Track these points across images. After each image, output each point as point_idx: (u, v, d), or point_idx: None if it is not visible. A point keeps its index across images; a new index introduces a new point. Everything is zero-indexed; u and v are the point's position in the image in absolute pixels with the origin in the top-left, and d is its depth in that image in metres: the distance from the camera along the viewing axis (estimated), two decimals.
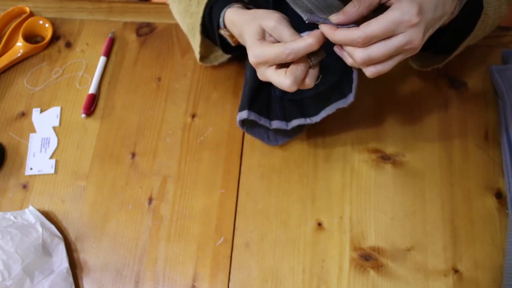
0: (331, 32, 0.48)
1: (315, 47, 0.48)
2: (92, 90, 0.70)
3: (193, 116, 0.68)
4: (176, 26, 0.75)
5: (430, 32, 0.47)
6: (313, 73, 0.51)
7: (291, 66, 0.49)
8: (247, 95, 0.60)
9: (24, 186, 0.65)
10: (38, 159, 0.67)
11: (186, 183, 0.64)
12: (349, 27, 0.47)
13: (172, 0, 0.65)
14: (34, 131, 0.69)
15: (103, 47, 0.74)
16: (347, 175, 0.63)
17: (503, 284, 0.56)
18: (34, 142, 0.68)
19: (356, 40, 0.46)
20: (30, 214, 0.61)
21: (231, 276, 0.59)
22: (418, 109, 0.66)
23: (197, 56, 0.64)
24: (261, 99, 0.61)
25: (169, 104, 0.69)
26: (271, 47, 0.49)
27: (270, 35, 0.51)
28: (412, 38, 0.45)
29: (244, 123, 0.60)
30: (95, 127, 0.69)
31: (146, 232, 0.62)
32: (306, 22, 0.49)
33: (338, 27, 0.47)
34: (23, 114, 0.70)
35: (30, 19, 0.75)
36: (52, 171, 0.66)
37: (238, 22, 0.54)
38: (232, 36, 0.58)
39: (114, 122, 0.69)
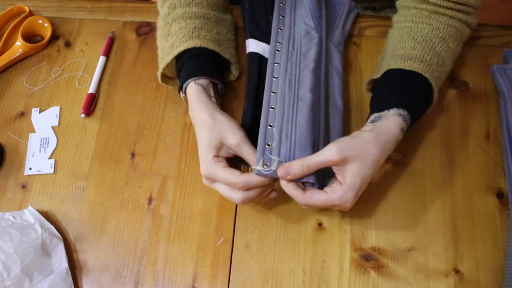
0: (283, 182, 0.54)
1: (267, 183, 0.54)
2: (91, 89, 0.70)
3: None
4: None
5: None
6: (269, 194, 0.57)
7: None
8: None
9: (23, 186, 0.65)
10: (37, 159, 0.67)
11: (186, 183, 0.64)
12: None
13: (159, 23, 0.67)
14: (33, 131, 0.69)
15: (102, 46, 0.73)
16: None
17: (504, 284, 0.56)
18: (33, 142, 0.68)
19: (299, 201, 0.54)
20: (29, 214, 0.61)
21: (231, 276, 0.59)
22: None
23: (159, 76, 0.65)
24: (255, 137, 0.58)
25: (169, 104, 0.69)
26: (226, 172, 0.53)
27: (229, 149, 0.55)
28: (343, 209, 0.54)
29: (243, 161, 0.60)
30: (95, 127, 0.68)
31: (145, 232, 0.62)
32: (255, 173, 0.53)
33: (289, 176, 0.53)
34: (22, 114, 0.70)
35: (29, 18, 0.75)
36: (52, 171, 0.66)
37: (197, 113, 0.57)
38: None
39: (114, 122, 0.69)
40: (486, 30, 0.72)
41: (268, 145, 0.55)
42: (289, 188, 0.53)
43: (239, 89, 0.69)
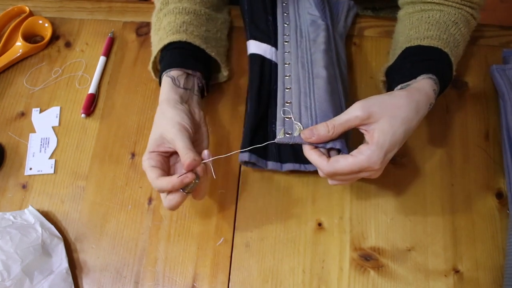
0: (306, 149, 0.51)
1: (177, 187, 0.51)
2: (91, 90, 0.70)
3: None
4: None
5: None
6: (178, 198, 0.52)
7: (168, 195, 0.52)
8: (248, 136, 0.61)
9: (24, 186, 0.65)
10: (38, 159, 0.67)
11: None
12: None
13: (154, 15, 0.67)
14: (33, 131, 0.69)
15: (102, 47, 0.73)
16: None
17: (503, 284, 0.56)
18: (33, 142, 0.68)
19: (323, 170, 0.50)
20: (30, 214, 0.61)
21: (231, 276, 0.59)
22: None
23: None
24: (259, 138, 0.61)
25: None
26: (149, 171, 0.52)
27: (168, 143, 0.54)
28: (372, 175, 0.50)
29: (246, 162, 0.61)
30: (95, 127, 0.68)
31: (146, 232, 0.62)
32: (276, 142, 0.53)
33: (313, 138, 0.50)
34: (22, 114, 0.70)
35: (30, 18, 0.75)
36: (52, 171, 0.66)
37: (160, 104, 0.57)
38: None
39: (114, 122, 0.69)
40: (485, 31, 0.72)
41: (288, 118, 0.55)
42: (312, 155, 0.50)
43: (241, 90, 0.69)
